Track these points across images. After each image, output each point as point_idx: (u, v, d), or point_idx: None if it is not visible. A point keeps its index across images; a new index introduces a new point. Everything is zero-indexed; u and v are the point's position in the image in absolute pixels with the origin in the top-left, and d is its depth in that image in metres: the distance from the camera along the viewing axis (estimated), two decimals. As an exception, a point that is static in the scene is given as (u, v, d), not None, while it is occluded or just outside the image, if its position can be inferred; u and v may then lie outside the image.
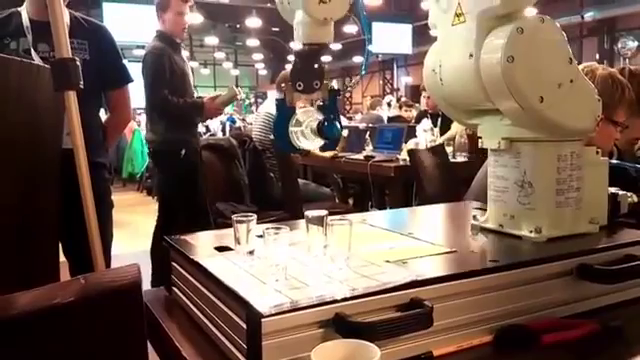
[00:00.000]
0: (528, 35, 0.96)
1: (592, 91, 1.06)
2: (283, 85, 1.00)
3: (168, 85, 3.27)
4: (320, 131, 0.97)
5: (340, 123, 1.02)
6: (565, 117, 1.01)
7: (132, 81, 2.39)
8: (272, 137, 3.96)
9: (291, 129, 1.00)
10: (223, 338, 0.80)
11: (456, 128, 4.58)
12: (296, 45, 1.01)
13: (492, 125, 1.09)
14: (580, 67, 1.73)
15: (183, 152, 3.41)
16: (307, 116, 1.00)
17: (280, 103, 1.00)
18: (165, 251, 1.06)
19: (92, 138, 1.96)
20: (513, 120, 1.03)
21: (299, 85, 0.99)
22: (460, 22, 1.05)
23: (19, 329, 0.71)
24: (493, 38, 0.98)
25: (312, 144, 1.00)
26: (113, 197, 2.39)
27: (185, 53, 3.54)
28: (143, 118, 11.23)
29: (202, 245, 1.04)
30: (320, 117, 1.00)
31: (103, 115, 2.49)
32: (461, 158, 4.34)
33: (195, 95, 3.68)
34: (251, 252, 0.91)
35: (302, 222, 0.96)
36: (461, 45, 1.04)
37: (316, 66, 1.00)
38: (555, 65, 1.00)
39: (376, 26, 11.28)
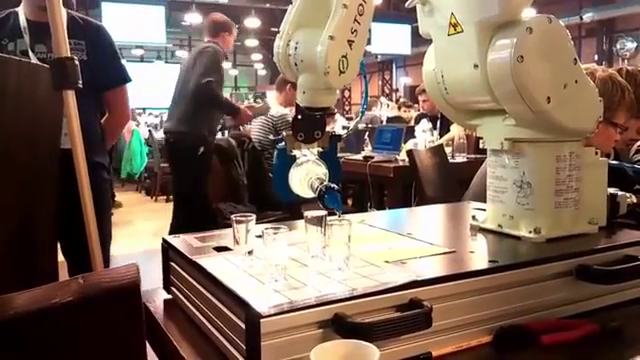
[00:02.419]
0: (537, 35, 0.95)
1: (595, 92, 1.06)
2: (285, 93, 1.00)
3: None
4: (319, 197, 0.94)
5: (340, 176, 1.01)
6: (569, 118, 1.01)
7: (130, 81, 2.38)
8: (271, 137, 3.98)
9: (292, 172, 0.99)
10: (222, 338, 0.80)
11: (455, 130, 4.59)
12: (300, 102, 1.01)
13: (494, 126, 1.09)
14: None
15: (202, 149, 3.70)
16: (309, 166, 0.99)
17: (280, 153, 1.00)
18: (163, 251, 1.06)
19: (91, 138, 1.96)
20: (518, 121, 1.03)
21: (300, 136, 0.99)
22: (457, 32, 1.04)
23: (17, 329, 0.71)
24: (501, 41, 0.98)
25: (310, 193, 0.99)
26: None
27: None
28: (142, 119, 11.21)
29: (201, 245, 1.04)
30: (323, 170, 0.98)
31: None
32: (460, 159, 4.34)
33: None
34: (250, 252, 0.91)
35: (301, 222, 0.96)
36: (463, 56, 1.03)
37: (318, 116, 1.01)
38: (562, 65, 1.00)
39: (375, 26, 11.28)
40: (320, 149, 1.02)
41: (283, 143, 1.00)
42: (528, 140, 1.04)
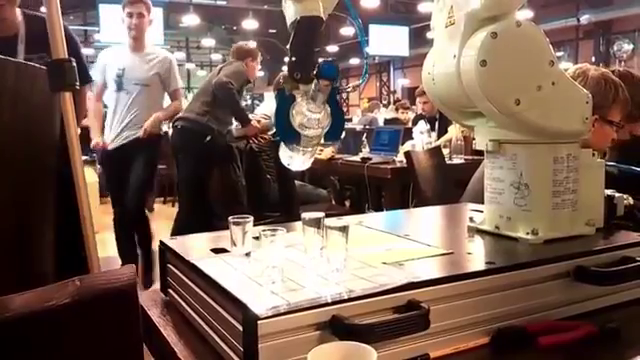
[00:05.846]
0: (501, 39, 0.96)
1: (579, 92, 1.06)
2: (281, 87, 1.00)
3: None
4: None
5: (342, 124, 1.03)
6: (548, 119, 1.01)
7: (91, 81, 2.37)
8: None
9: (292, 112, 0.99)
10: (219, 340, 0.79)
11: (453, 131, 4.59)
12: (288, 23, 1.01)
13: (482, 127, 1.10)
14: (572, 69, 1.74)
15: (209, 138, 3.88)
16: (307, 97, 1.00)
17: (280, 94, 1.00)
18: (161, 253, 1.06)
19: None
20: (495, 122, 1.04)
21: (297, 75, 0.99)
22: (451, 24, 1.06)
23: (14, 331, 0.71)
24: (472, 41, 0.99)
25: (315, 116, 0.98)
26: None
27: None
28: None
29: (198, 247, 1.04)
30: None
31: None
32: (457, 160, 4.35)
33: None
34: (247, 254, 0.91)
35: (299, 224, 0.95)
36: (450, 46, 1.05)
37: (312, 55, 1.00)
38: (533, 68, 1.00)
39: (373, 28, 11.27)
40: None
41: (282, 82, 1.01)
42: (514, 142, 1.04)
